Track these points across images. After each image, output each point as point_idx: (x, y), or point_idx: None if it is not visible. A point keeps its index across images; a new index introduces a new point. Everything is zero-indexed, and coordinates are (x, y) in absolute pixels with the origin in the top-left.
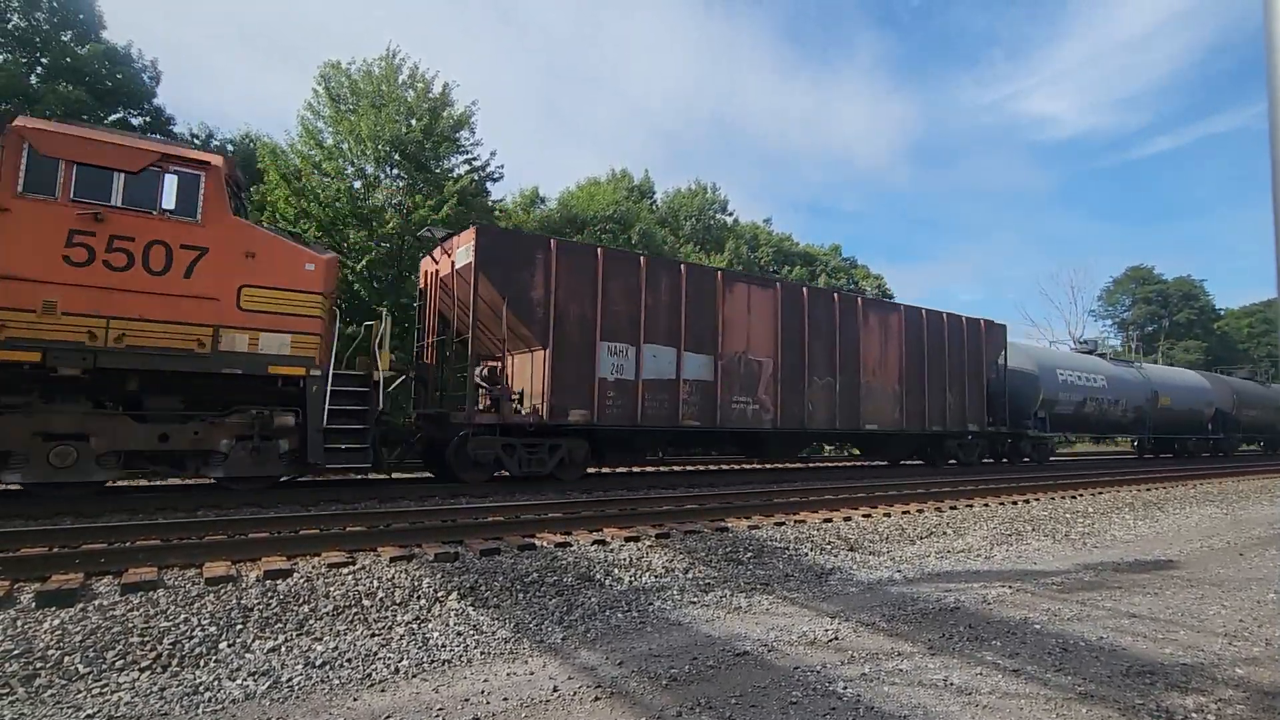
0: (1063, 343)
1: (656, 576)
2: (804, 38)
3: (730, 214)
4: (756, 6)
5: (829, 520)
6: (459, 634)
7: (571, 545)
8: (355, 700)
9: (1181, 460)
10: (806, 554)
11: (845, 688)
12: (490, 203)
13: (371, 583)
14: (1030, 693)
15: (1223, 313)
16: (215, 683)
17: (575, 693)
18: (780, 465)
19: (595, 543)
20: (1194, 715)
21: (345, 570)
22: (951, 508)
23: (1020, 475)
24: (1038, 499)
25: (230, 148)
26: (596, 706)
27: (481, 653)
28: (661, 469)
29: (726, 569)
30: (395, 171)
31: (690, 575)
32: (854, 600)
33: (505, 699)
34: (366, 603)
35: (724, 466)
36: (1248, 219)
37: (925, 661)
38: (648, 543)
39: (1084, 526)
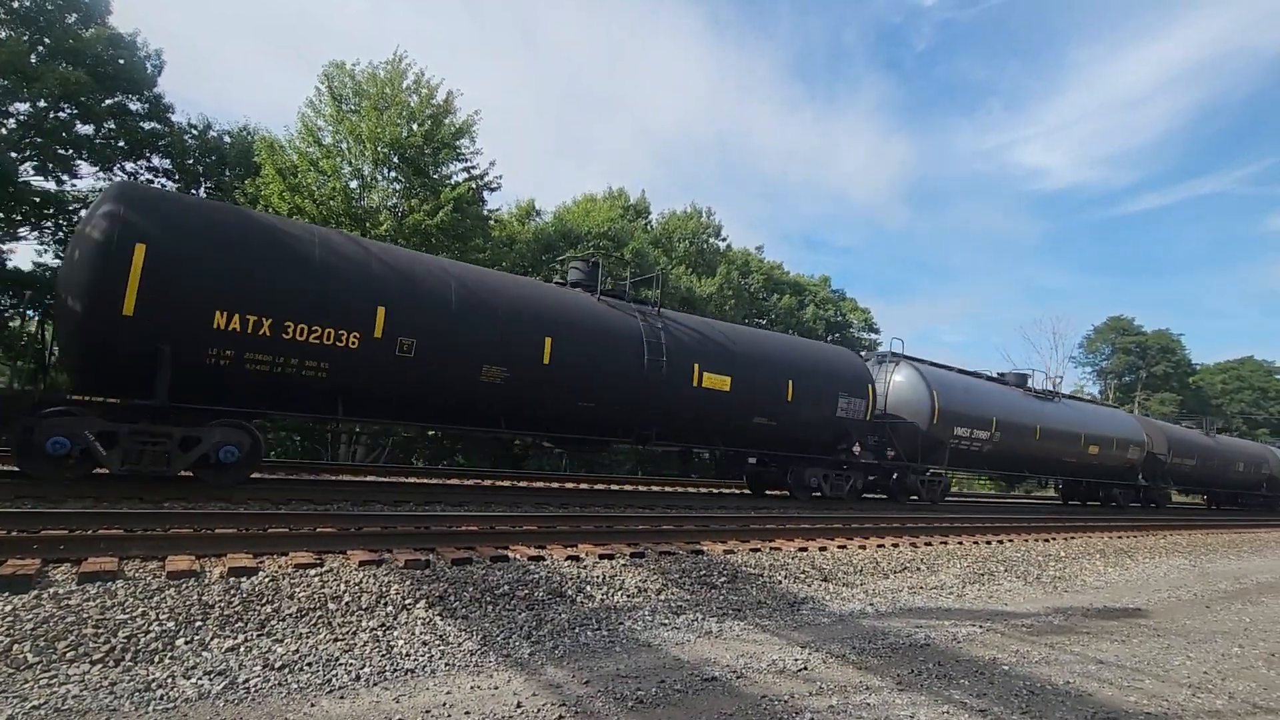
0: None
1: (629, 596)
2: (811, 76)
3: (724, 239)
4: (768, 43)
5: (804, 549)
6: (425, 643)
7: (545, 559)
8: (313, 706)
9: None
10: (780, 582)
11: (812, 719)
12: (486, 212)
13: (338, 586)
14: None
15: (1198, 368)
16: (169, 680)
17: (539, 710)
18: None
19: (569, 558)
20: None
21: (312, 572)
22: (926, 544)
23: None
24: (1011, 540)
25: (227, 139)
26: None
27: (446, 664)
28: (640, 488)
29: (700, 592)
30: (393, 174)
31: (663, 597)
32: (825, 631)
33: (467, 713)
34: (332, 606)
35: (702, 490)
36: (1227, 281)
37: (893, 697)
38: (622, 561)
39: (1055, 570)
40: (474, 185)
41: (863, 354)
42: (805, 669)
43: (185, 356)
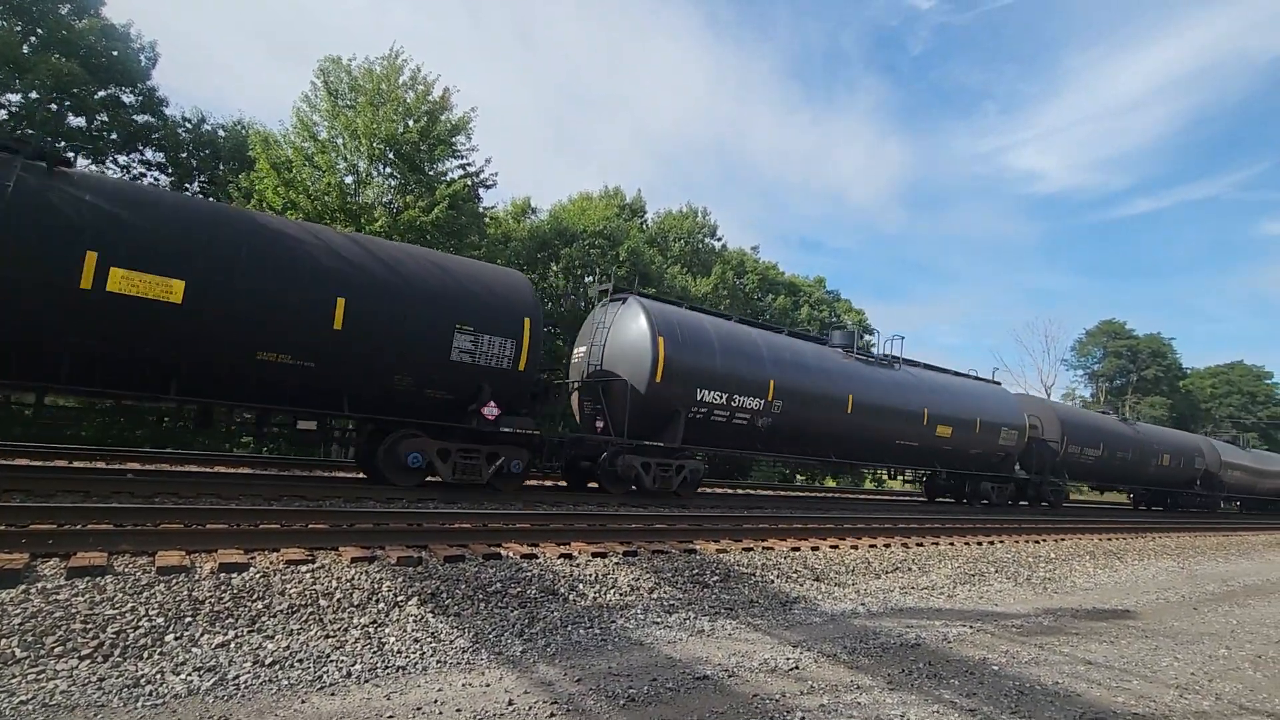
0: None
1: (621, 594)
2: (809, 77)
3: (719, 239)
4: (766, 44)
5: (797, 549)
6: (416, 641)
7: (538, 558)
8: (303, 703)
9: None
10: (773, 581)
11: (803, 718)
12: (481, 209)
13: (330, 582)
14: None
15: (1189, 372)
16: (158, 676)
17: (530, 708)
18: (751, 491)
19: (562, 556)
20: None
21: (304, 568)
22: (918, 544)
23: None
24: (1002, 541)
25: (222, 133)
26: None
27: (438, 661)
28: (632, 488)
29: (692, 591)
30: (388, 170)
31: (655, 595)
32: (817, 630)
33: (458, 710)
34: (323, 603)
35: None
36: (1219, 284)
37: (884, 696)
38: (614, 560)
39: (1046, 571)
40: (469, 182)
41: (600, 288)
42: (797, 668)
43: None
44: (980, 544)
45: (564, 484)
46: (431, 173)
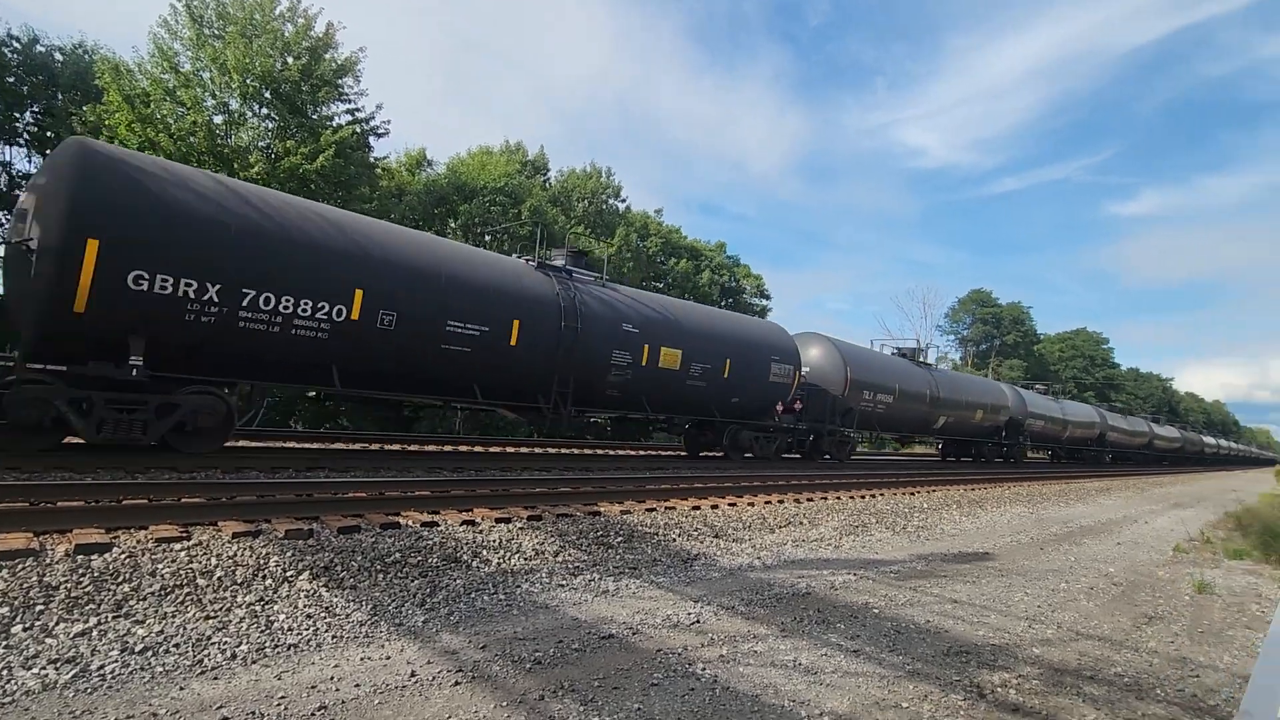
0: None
1: (526, 559)
2: (712, 42)
3: (623, 200)
4: (670, 3)
5: (698, 508)
6: (309, 616)
7: (439, 525)
8: (181, 690)
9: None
10: (675, 539)
11: (704, 669)
12: (372, 159)
13: (209, 560)
14: (867, 671)
15: (1042, 337)
16: (4, 672)
17: (434, 677)
18: (655, 452)
19: (464, 523)
20: (999, 689)
21: (177, 546)
22: (809, 499)
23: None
24: (883, 494)
25: (59, 57)
26: (456, 691)
27: (333, 637)
28: (536, 450)
29: (597, 552)
30: (264, 111)
31: (560, 558)
32: (716, 585)
33: (357, 685)
34: (202, 582)
35: (599, 451)
36: (1066, 260)
37: (778, 643)
38: (519, 524)
39: (920, 520)
40: (359, 129)
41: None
42: (698, 622)
43: None
44: (864, 497)
45: None
46: (315, 117)
